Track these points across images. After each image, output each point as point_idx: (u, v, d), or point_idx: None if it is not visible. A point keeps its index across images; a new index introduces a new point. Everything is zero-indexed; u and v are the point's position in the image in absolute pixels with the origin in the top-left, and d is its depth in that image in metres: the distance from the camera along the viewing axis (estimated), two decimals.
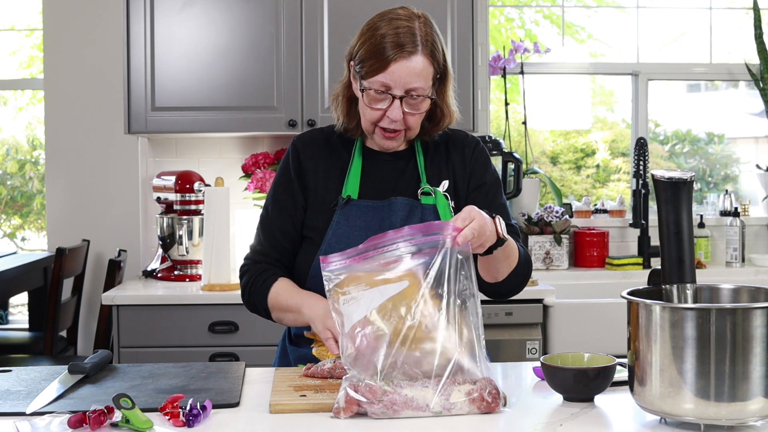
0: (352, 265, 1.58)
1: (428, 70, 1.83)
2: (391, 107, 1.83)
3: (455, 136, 2.03)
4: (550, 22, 4.49)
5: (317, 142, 1.99)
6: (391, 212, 1.90)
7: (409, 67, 1.80)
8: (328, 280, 1.59)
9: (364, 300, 1.54)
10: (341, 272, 1.58)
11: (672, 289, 1.47)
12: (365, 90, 1.84)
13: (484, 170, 2.00)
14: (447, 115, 1.95)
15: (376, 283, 1.55)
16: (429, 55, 1.82)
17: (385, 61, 1.79)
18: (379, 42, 1.81)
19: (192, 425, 1.43)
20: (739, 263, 4.04)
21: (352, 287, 1.56)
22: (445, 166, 1.97)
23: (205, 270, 3.23)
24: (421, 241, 1.57)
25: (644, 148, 3.93)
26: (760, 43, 4.09)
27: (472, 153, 2.00)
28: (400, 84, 1.81)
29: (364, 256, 1.58)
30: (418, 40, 1.81)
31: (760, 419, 1.37)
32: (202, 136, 3.78)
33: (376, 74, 1.81)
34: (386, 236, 1.59)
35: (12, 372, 1.80)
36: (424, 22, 1.84)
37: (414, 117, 1.86)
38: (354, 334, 1.52)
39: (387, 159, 1.97)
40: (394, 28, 1.81)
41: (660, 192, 1.48)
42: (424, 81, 1.82)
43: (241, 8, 3.45)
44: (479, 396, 1.49)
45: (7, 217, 5.30)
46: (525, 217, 3.91)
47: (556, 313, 3.26)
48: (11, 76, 5.08)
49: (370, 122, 1.88)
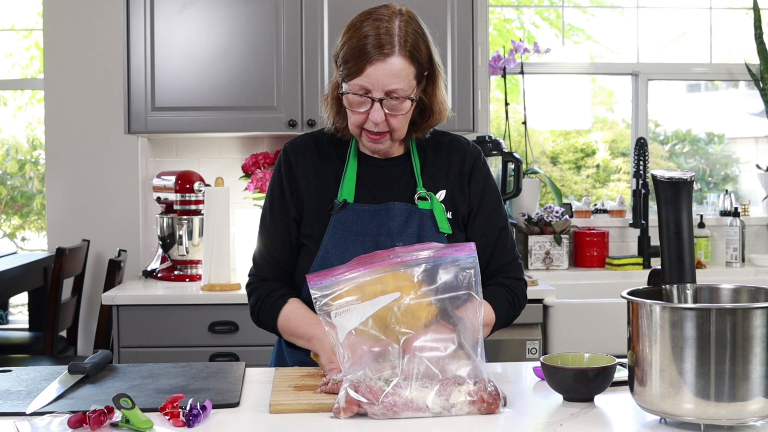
0: (340, 282, 1.59)
1: (407, 70, 1.79)
2: (372, 110, 1.81)
3: (456, 143, 2.00)
4: (549, 25, 4.49)
5: (309, 148, 1.97)
6: (389, 217, 1.88)
7: (386, 69, 1.77)
8: (316, 299, 1.60)
9: (356, 311, 1.56)
10: (330, 289, 1.59)
11: (672, 289, 1.47)
12: (345, 94, 1.82)
13: (483, 187, 1.97)
14: (437, 113, 1.92)
15: (367, 296, 1.57)
16: (407, 55, 1.79)
17: (361, 64, 1.77)
18: (356, 44, 1.79)
19: (192, 425, 1.43)
20: (739, 263, 4.04)
21: (344, 300, 1.57)
22: (444, 175, 1.95)
23: (205, 270, 3.23)
24: (410, 259, 1.59)
25: (644, 148, 3.93)
26: (760, 43, 4.09)
27: (473, 166, 1.97)
28: (378, 86, 1.78)
29: (353, 272, 1.60)
30: (395, 41, 1.78)
31: (760, 419, 1.37)
32: (202, 136, 3.78)
33: (354, 77, 1.79)
34: (375, 256, 1.61)
35: (12, 372, 1.80)
36: (405, 21, 1.81)
37: (396, 118, 1.83)
38: (349, 342, 1.53)
39: (382, 163, 1.95)
40: (374, 29, 1.78)
41: (660, 192, 1.47)
42: (403, 82, 1.79)
43: (241, 8, 3.45)
44: (479, 397, 1.49)
45: (7, 217, 5.30)
46: (525, 217, 3.91)
47: (556, 313, 3.26)
48: (11, 76, 5.08)
49: (355, 126, 1.86)
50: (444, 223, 1.89)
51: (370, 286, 1.58)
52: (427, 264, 1.60)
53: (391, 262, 1.60)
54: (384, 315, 1.57)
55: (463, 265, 1.60)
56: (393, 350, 1.53)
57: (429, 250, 1.62)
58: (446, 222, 1.89)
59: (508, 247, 1.96)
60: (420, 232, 1.86)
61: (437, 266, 1.60)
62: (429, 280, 1.60)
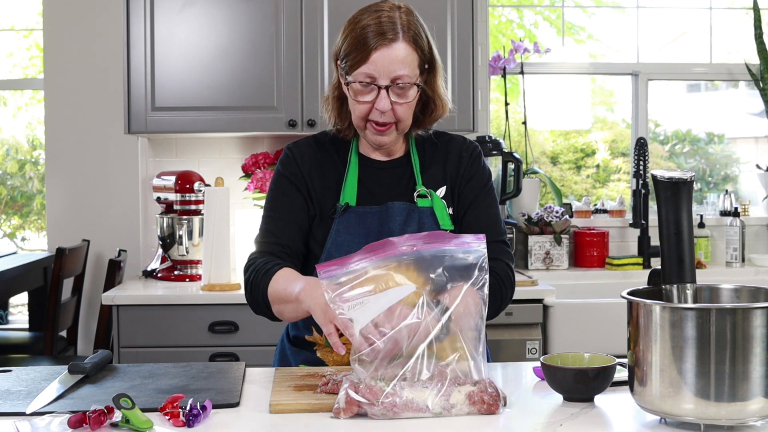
0: (351, 272, 1.53)
1: (412, 56, 1.80)
2: (378, 98, 1.80)
3: (453, 142, 2.00)
4: (549, 24, 4.49)
5: (312, 151, 1.95)
6: (389, 217, 1.88)
7: (391, 55, 1.78)
8: (326, 289, 1.52)
9: (370, 303, 1.52)
10: (340, 278, 1.52)
11: (672, 289, 1.47)
12: (350, 84, 1.81)
13: (479, 179, 1.96)
14: (439, 106, 1.92)
15: (381, 287, 1.52)
16: (411, 41, 1.80)
17: (366, 51, 1.78)
18: (360, 34, 1.79)
19: (192, 425, 1.43)
20: (739, 263, 4.04)
21: (356, 292, 1.52)
22: (443, 171, 1.95)
23: (205, 270, 3.23)
24: (421, 248, 1.55)
25: (644, 148, 3.93)
26: (760, 43, 4.09)
27: (470, 159, 1.97)
28: (384, 73, 1.78)
29: (363, 260, 1.54)
30: (398, 28, 1.79)
31: (760, 419, 1.37)
32: (202, 136, 3.78)
33: (360, 66, 1.79)
34: (386, 243, 1.56)
35: (12, 372, 1.80)
36: (405, 12, 1.83)
37: (402, 107, 1.82)
38: (365, 334, 1.50)
39: (383, 165, 1.94)
40: (375, 19, 1.79)
41: (660, 192, 1.47)
42: (408, 68, 1.79)
43: (241, 8, 3.45)
44: (479, 397, 1.49)
45: (7, 217, 5.30)
46: (525, 217, 3.91)
47: (556, 313, 3.26)
48: (11, 76, 5.08)
49: (360, 118, 1.85)
50: (445, 220, 1.89)
51: (382, 279, 1.54)
52: (438, 254, 1.54)
53: (401, 251, 1.55)
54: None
55: (473, 259, 1.56)
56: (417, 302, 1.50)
57: (440, 239, 1.57)
58: (448, 218, 1.89)
59: (491, 229, 1.89)
60: (420, 230, 1.86)
61: (447, 257, 1.54)
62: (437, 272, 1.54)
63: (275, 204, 1.93)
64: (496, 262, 1.86)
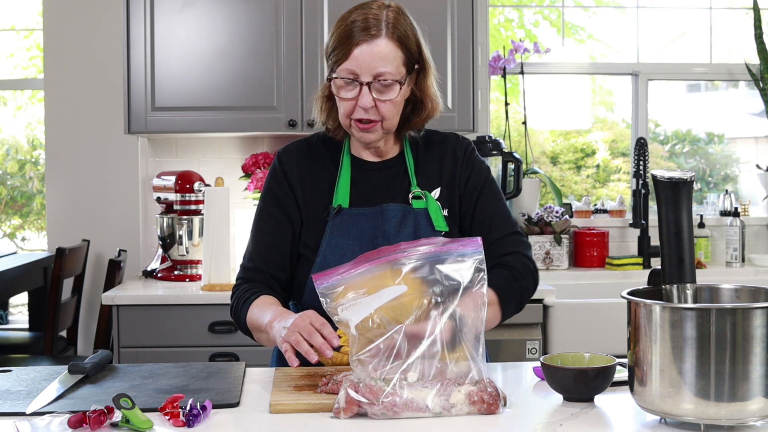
0: (346, 278, 1.55)
1: (395, 54, 1.79)
2: (361, 95, 1.79)
3: (447, 140, 1.99)
4: (549, 24, 4.49)
5: (302, 154, 1.95)
6: (384, 219, 1.87)
7: (373, 51, 1.77)
8: (324, 297, 1.54)
9: (363, 303, 1.53)
10: (337, 287, 1.54)
11: (672, 289, 1.47)
12: (334, 80, 1.81)
13: (478, 175, 1.95)
14: (430, 107, 1.91)
15: (374, 288, 1.53)
16: (395, 39, 1.79)
17: (348, 47, 1.77)
18: (344, 31, 1.79)
19: (192, 425, 1.43)
20: (739, 263, 4.04)
21: (351, 294, 1.53)
22: (437, 172, 1.94)
23: (205, 270, 3.23)
24: (416, 254, 1.56)
25: (644, 148, 3.93)
26: (760, 43, 4.09)
27: (464, 156, 1.96)
28: (366, 69, 1.77)
29: (358, 269, 1.56)
30: (382, 25, 1.78)
31: (760, 419, 1.37)
32: (202, 136, 3.78)
33: (342, 62, 1.79)
34: (380, 252, 1.58)
35: (12, 372, 1.80)
36: (394, 10, 1.82)
37: (386, 105, 1.81)
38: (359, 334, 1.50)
39: (376, 166, 1.94)
40: (362, 16, 1.79)
41: (660, 192, 1.47)
42: (391, 65, 1.78)
43: (241, 8, 3.45)
44: (479, 397, 1.48)
45: (7, 217, 5.30)
46: (525, 217, 3.91)
47: (556, 313, 3.26)
48: (11, 76, 5.08)
49: (345, 116, 1.84)
50: (440, 221, 1.88)
51: (376, 281, 1.55)
52: (432, 259, 1.56)
53: (396, 257, 1.57)
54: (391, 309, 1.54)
55: (468, 261, 1.57)
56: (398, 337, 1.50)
57: (434, 244, 1.59)
58: (442, 220, 1.89)
59: (502, 223, 1.91)
60: (416, 232, 1.86)
61: (442, 261, 1.55)
62: (433, 276, 1.56)
63: (261, 224, 1.95)
64: (513, 255, 1.87)
